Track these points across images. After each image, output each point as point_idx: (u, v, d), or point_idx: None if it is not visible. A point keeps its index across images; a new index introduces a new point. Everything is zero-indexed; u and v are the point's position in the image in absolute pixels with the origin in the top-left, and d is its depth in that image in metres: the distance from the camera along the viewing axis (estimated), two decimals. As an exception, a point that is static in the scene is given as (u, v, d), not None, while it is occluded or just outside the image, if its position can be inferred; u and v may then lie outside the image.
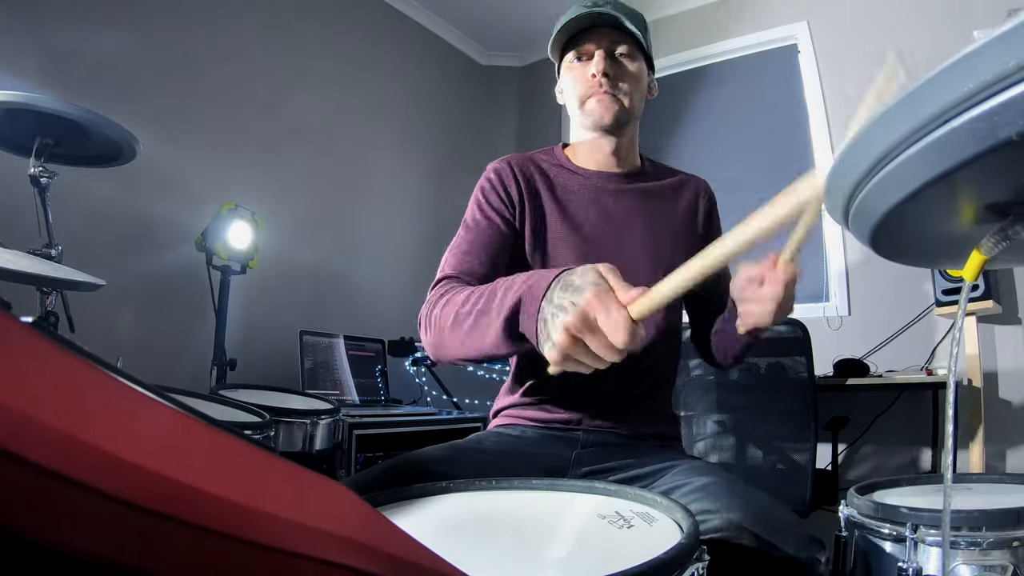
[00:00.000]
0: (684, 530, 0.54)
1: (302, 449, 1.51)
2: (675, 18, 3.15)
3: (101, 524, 0.16)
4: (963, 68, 0.26)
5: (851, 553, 0.88)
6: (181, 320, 2.18)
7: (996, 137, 0.26)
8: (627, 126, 1.05)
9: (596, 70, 0.98)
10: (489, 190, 1.03)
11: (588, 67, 1.00)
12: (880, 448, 2.33)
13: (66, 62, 1.92)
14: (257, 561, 0.19)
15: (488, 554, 0.55)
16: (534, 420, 1.02)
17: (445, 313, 0.81)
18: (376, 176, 3.09)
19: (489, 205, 1.02)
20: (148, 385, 0.38)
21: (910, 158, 0.30)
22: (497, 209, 1.01)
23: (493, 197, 1.02)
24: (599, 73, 0.98)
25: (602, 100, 1.00)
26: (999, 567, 0.72)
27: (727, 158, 2.87)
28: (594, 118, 1.01)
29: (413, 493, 0.71)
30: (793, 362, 1.83)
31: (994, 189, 0.33)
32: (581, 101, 1.01)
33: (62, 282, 1.24)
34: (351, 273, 2.90)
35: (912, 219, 0.35)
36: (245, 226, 2.02)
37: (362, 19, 3.06)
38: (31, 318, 1.29)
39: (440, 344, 0.83)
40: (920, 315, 2.29)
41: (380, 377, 2.58)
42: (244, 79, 2.50)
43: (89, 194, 1.85)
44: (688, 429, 1.95)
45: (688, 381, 2.00)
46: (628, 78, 1.01)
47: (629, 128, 1.06)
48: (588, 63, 1.00)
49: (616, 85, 1.00)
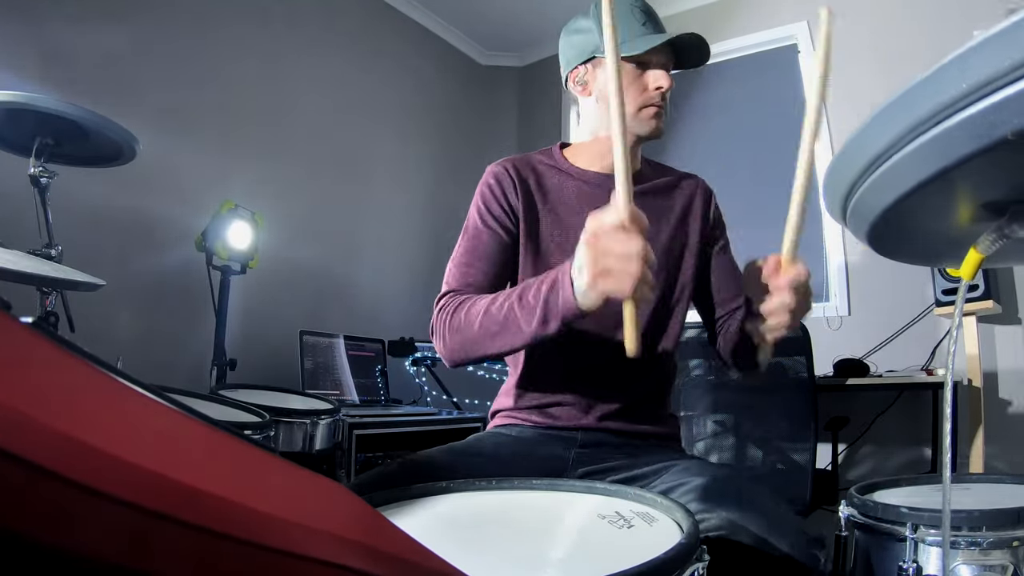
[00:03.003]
0: (684, 530, 0.54)
1: (302, 449, 1.51)
2: (675, 18, 3.14)
3: (101, 525, 0.16)
4: (959, 67, 0.26)
5: (851, 553, 0.88)
6: (181, 320, 2.18)
7: (992, 136, 0.26)
8: None
9: (664, 86, 1.01)
10: (490, 198, 1.05)
11: (647, 77, 1.01)
12: (880, 448, 2.33)
13: (66, 62, 1.92)
14: (257, 561, 0.19)
15: (488, 554, 0.55)
16: (532, 420, 1.02)
17: (470, 317, 0.88)
18: (376, 176, 3.09)
19: (490, 214, 1.04)
20: (148, 385, 0.38)
21: (907, 156, 0.30)
22: (498, 218, 1.03)
23: (494, 206, 1.04)
24: (665, 88, 1.01)
25: (660, 114, 1.03)
26: (999, 567, 0.72)
27: (727, 158, 2.88)
28: (651, 129, 1.03)
29: (413, 493, 0.71)
30: (793, 362, 1.83)
31: (991, 187, 0.33)
32: (637, 108, 1.02)
33: (62, 282, 1.24)
34: (351, 273, 2.90)
35: (909, 217, 0.35)
36: (245, 226, 2.02)
37: (362, 19, 3.06)
38: (31, 318, 1.29)
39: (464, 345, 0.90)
40: (920, 315, 2.29)
41: (380, 377, 2.58)
42: (244, 79, 2.50)
43: (89, 194, 1.85)
44: (688, 429, 1.95)
45: (688, 381, 2.00)
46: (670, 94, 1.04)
47: None
48: (647, 73, 1.02)
49: (666, 99, 1.04)
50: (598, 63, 1.05)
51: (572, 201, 1.06)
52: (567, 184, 1.07)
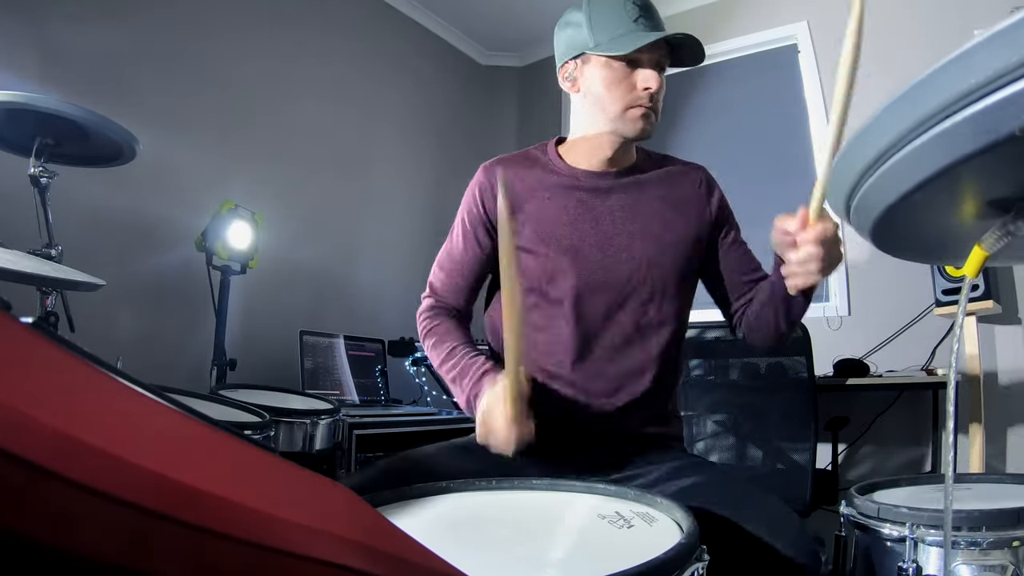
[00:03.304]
0: (684, 530, 0.54)
1: (302, 449, 1.51)
2: (675, 18, 3.15)
3: (101, 525, 0.16)
4: (966, 63, 0.26)
5: (851, 553, 0.88)
6: (181, 320, 2.18)
7: (998, 132, 0.26)
8: None
9: (651, 86, 0.98)
10: (474, 204, 1.09)
11: (636, 76, 0.99)
12: (880, 448, 2.33)
13: (66, 62, 1.92)
14: (257, 562, 0.19)
15: (488, 554, 0.55)
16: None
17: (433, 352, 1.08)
18: (376, 176, 3.09)
19: (470, 224, 1.09)
20: (148, 385, 0.38)
21: (912, 153, 0.30)
22: (475, 229, 1.09)
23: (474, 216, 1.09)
24: (653, 89, 0.99)
25: (647, 115, 1.01)
26: (999, 567, 0.72)
27: (727, 158, 2.87)
28: (637, 130, 1.01)
29: (413, 493, 0.71)
30: (793, 362, 1.83)
31: (996, 184, 0.33)
32: (624, 108, 1.00)
33: (62, 282, 1.24)
34: (351, 273, 2.89)
35: (914, 214, 0.35)
36: (245, 226, 2.01)
37: (362, 19, 3.06)
38: (31, 318, 1.29)
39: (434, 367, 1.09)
40: (920, 315, 2.29)
41: (380, 377, 2.58)
42: (244, 79, 2.50)
43: (89, 194, 1.85)
44: (688, 429, 1.95)
45: (688, 381, 2.00)
46: (662, 94, 1.02)
47: None
48: (636, 71, 0.99)
49: (655, 100, 1.01)
50: (587, 59, 1.03)
51: (563, 197, 1.05)
52: (559, 182, 1.06)
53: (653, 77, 0.98)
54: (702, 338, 1.95)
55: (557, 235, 1.03)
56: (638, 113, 1.00)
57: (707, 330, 1.94)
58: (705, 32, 1.05)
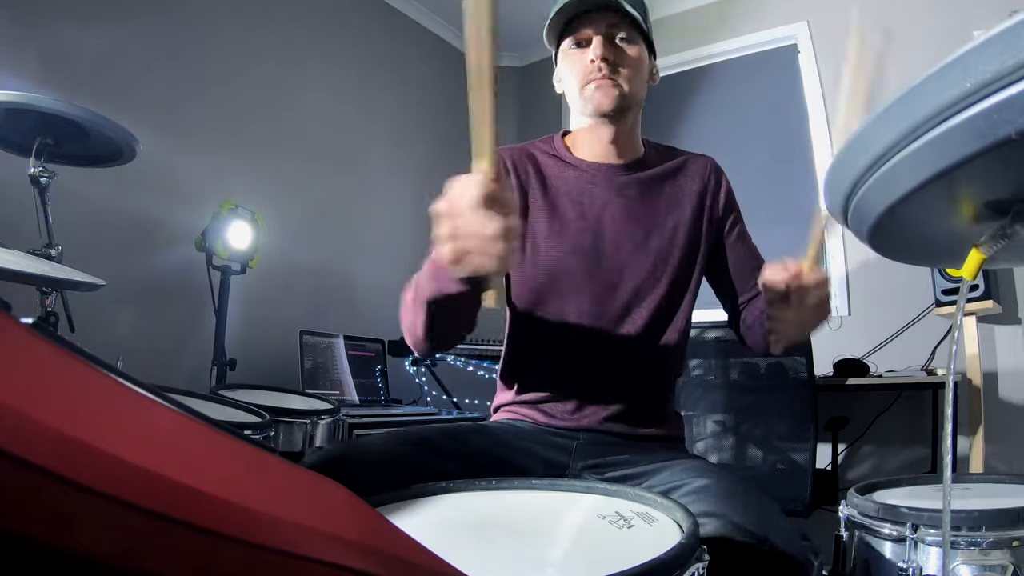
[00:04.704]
0: (684, 530, 0.54)
1: (302, 449, 1.51)
2: (675, 18, 3.15)
3: (101, 525, 0.16)
4: (962, 66, 0.26)
5: (851, 553, 0.88)
6: (181, 320, 2.18)
7: (995, 135, 0.26)
8: (628, 112, 1.03)
9: (595, 55, 0.97)
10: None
11: (587, 53, 0.98)
12: (880, 448, 2.33)
13: (66, 62, 1.92)
14: (257, 562, 0.19)
15: (488, 554, 0.55)
16: (533, 417, 1.02)
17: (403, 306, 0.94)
18: (376, 176, 3.09)
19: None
20: (148, 385, 0.38)
21: (909, 156, 0.30)
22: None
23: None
24: (598, 59, 0.97)
25: (602, 86, 0.98)
26: (999, 567, 0.72)
27: (727, 158, 2.86)
28: (594, 104, 0.99)
29: (413, 493, 0.71)
30: (793, 362, 1.83)
31: (993, 187, 0.33)
32: (580, 87, 1.00)
33: (62, 282, 1.24)
34: (351, 273, 2.89)
35: (911, 217, 0.35)
36: (245, 226, 2.01)
37: (361, 19, 3.06)
38: (31, 318, 1.29)
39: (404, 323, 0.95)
40: (920, 315, 2.29)
41: (380, 377, 2.58)
42: (244, 79, 2.50)
43: (89, 194, 1.85)
44: (688, 429, 1.95)
45: (688, 381, 2.00)
46: (628, 63, 0.99)
47: (630, 115, 1.04)
48: (587, 49, 0.99)
49: (616, 70, 0.98)
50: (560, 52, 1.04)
51: (571, 190, 1.05)
52: (566, 172, 1.06)
53: (598, 44, 0.97)
54: (702, 338, 1.95)
55: (569, 229, 1.02)
56: (593, 87, 0.98)
57: (707, 330, 1.94)
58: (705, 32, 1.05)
